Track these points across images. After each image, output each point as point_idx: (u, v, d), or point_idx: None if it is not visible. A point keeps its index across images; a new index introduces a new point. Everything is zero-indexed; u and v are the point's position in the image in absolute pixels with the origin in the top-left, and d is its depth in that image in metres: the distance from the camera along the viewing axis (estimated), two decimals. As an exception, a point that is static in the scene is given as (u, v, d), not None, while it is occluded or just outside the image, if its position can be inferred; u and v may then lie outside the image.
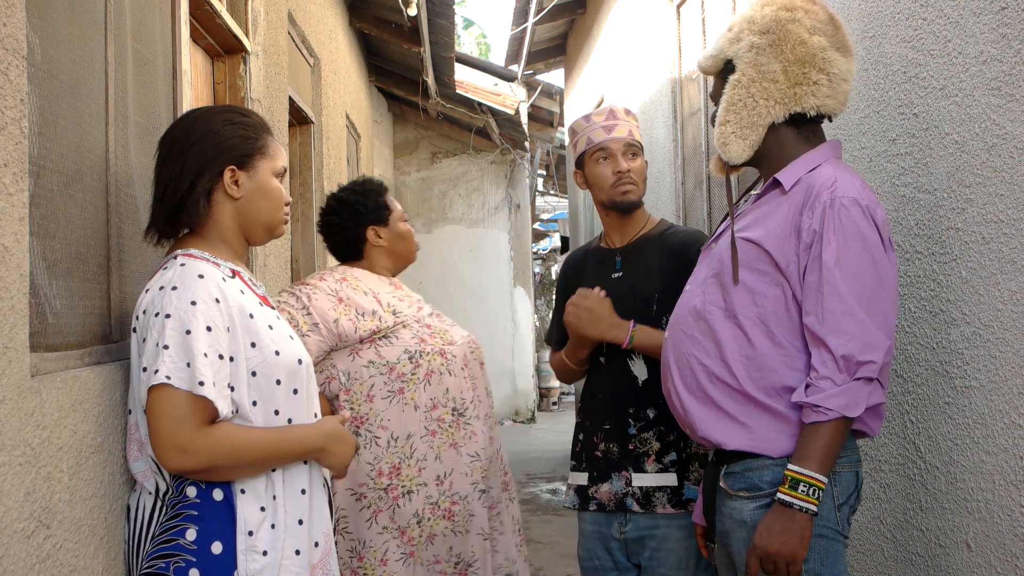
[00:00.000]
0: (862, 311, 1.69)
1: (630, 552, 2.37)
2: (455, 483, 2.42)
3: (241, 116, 1.78)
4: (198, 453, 1.54)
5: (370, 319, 2.43)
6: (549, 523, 5.93)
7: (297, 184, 4.55)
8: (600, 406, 2.43)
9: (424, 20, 6.06)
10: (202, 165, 1.71)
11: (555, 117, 9.86)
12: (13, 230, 1.35)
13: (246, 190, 1.75)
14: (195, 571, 1.58)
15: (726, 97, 1.89)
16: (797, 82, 1.84)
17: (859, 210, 1.72)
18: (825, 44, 1.84)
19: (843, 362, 1.67)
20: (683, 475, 2.31)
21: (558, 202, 15.46)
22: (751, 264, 1.82)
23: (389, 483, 2.38)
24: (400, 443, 2.40)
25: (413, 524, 2.38)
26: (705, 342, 1.86)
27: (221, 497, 1.62)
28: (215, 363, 1.58)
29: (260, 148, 1.76)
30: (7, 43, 1.34)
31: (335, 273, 2.53)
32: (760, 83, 1.85)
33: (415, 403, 2.42)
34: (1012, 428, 1.71)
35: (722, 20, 3.71)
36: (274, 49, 3.47)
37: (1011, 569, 1.70)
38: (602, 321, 2.33)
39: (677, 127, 4.47)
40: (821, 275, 1.71)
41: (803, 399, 1.70)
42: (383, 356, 2.42)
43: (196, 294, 1.60)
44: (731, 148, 1.90)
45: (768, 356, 1.78)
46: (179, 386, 1.53)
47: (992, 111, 1.75)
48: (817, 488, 1.67)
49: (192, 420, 1.54)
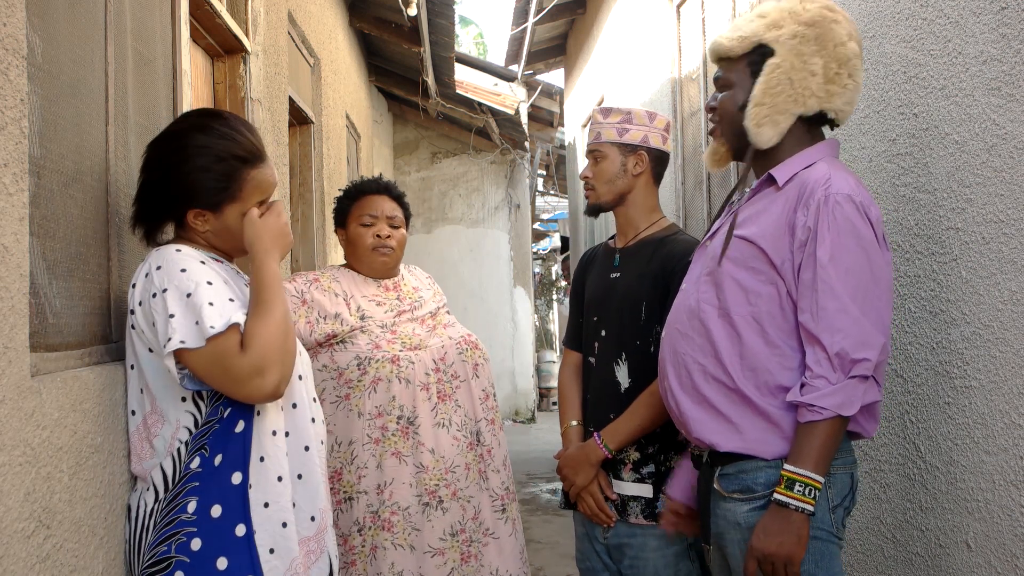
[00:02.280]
0: (856, 308, 1.68)
1: (614, 557, 2.38)
2: (395, 493, 2.36)
3: (217, 162, 1.71)
4: (259, 365, 1.60)
5: (330, 322, 2.43)
6: (549, 523, 5.93)
7: (297, 184, 4.55)
8: (588, 407, 2.46)
9: (424, 20, 6.06)
10: (168, 203, 1.73)
11: (555, 117, 9.85)
12: (13, 230, 1.35)
13: (212, 226, 1.76)
14: (197, 540, 1.60)
15: (764, 79, 1.83)
16: (831, 80, 1.82)
17: (853, 207, 1.71)
18: (858, 51, 1.84)
19: (837, 360, 1.67)
20: (659, 488, 2.30)
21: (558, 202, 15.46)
22: (745, 262, 1.81)
23: (331, 487, 2.35)
24: (342, 448, 2.38)
25: (354, 532, 2.35)
26: (700, 340, 1.85)
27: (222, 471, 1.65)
28: (225, 304, 1.63)
29: (231, 196, 1.73)
30: (7, 43, 1.34)
31: (312, 273, 2.56)
32: (800, 72, 1.81)
33: (359, 410, 2.38)
34: (1012, 428, 1.71)
35: (722, 20, 3.71)
36: (274, 49, 3.47)
37: (1011, 569, 1.70)
38: (580, 466, 2.36)
39: (677, 127, 4.47)
40: (816, 272, 1.71)
41: (798, 398, 1.70)
42: (335, 361, 2.42)
43: (182, 262, 1.65)
44: (764, 131, 1.84)
45: (761, 355, 1.77)
46: (196, 345, 1.58)
47: (992, 111, 1.75)
48: (813, 488, 1.66)
49: (234, 353, 1.60)
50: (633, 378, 2.33)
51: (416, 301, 2.61)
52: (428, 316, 2.60)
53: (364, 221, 2.58)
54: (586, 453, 2.35)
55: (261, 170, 1.76)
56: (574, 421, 2.47)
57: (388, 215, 2.60)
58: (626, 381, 2.35)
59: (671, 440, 2.33)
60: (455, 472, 2.43)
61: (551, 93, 9.48)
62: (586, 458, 2.34)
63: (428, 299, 2.65)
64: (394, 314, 2.53)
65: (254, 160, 1.75)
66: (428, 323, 2.58)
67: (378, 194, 2.63)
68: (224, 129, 1.73)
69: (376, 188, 2.64)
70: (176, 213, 1.75)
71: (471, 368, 2.54)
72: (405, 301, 2.59)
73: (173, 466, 1.64)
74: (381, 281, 2.61)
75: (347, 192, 2.66)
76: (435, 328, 2.58)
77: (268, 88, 3.33)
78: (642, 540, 2.30)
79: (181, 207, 1.73)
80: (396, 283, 2.63)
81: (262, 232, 1.74)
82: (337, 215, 2.65)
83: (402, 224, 2.63)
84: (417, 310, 2.58)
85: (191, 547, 1.60)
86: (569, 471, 2.37)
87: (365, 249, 2.57)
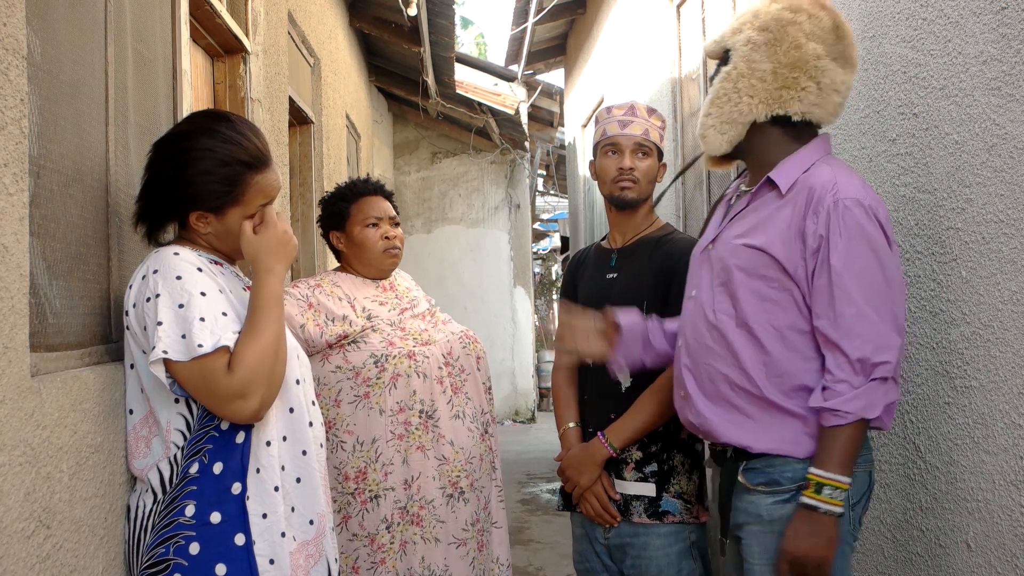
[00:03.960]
0: (873, 312, 1.69)
1: (614, 558, 2.37)
2: (423, 487, 2.39)
3: (221, 167, 1.70)
4: (242, 389, 1.58)
5: (339, 324, 2.43)
6: (549, 523, 5.92)
7: (297, 184, 4.55)
8: (587, 408, 2.45)
9: (424, 20, 6.06)
10: (170, 206, 1.73)
11: (555, 117, 9.85)
12: (13, 230, 1.35)
13: (214, 229, 1.75)
14: (195, 545, 1.60)
15: (713, 89, 1.89)
16: (784, 85, 1.82)
17: (862, 211, 1.72)
18: (821, 52, 1.82)
19: (859, 365, 1.68)
20: (663, 487, 2.31)
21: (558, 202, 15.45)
22: (757, 271, 1.81)
23: (356, 487, 2.37)
24: (365, 447, 2.39)
25: (382, 530, 2.36)
26: (721, 351, 1.86)
27: (222, 477, 1.65)
28: (218, 319, 1.61)
29: (233, 200, 1.72)
30: (7, 43, 1.34)
31: (313, 279, 2.55)
32: (748, 79, 1.84)
33: (380, 407, 2.39)
34: (1012, 428, 1.71)
35: (722, 20, 3.71)
36: (274, 49, 3.47)
37: (1011, 569, 1.70)
38: (584, 466, 2.35)
39: (677, 127, 4.47)
40: (831, 279, 1.72)
41: (821, 403, 1.71)
42: (350, 361, 2.42)
43: (178, 269, 1.63)
44: (709, 141, 1.90)
45: (784, 360, 1.78)
46: (180, 359, 1.56)
47: (992, 111, 1.75)
48: (841, 490, 1.68)
49: (219, 374, 1.58)
50: (634, 377, 2.33)
51: (413, 300, 2.63)
52: (426, 313, 2.62)
53: (369, 222, 2.57)
54: (590, 453, 2.34)
55: (265, 175, 1.75)
56: (572, 423, 2.46)
57: (389, 215, 2.62)
58: (627, 381, 2.34)
59: (673, 438, 2.33)
60: (472, 463, 2.47)
61: (551, 93, 9.47)
62: (591, 458, 2.34)
63: (421, 298, 2.68)
64: (397, 312, 2.55)
65: (258, 165, 1.74)
66: (429, 319, 2.60)
67: (375, 195, 2.63)
68: (229, 133, 1.72)
69: (374, 189, 2.65)
70: (178, 214, 1.74)
71: (474, 361, 2.57)
72: (404, 300, 2.61)
73: (170, 469, 1.64)
74: (379, 282, 2.62)
75: (341, 195, 2.64)
76: (436, 325, 2.60)
77: (268, 88, 3.33)
78: (645, 539, 2.30)
79: (184, 209, 1.72)
80: (392, 283, 2.64)
81: (259, 250, 1.72)
82: (333, 218, 2.63)
83: (399, 223, 2.66)
84: (415, 308, 2.60)
85: (189, 551, 1.60)
86: (573, 472, 2.37)
87: (374, 251, 2.57)
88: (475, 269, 10.77)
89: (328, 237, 2.66)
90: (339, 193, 2.66)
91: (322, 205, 2.67)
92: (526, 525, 5.89)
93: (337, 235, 2.63)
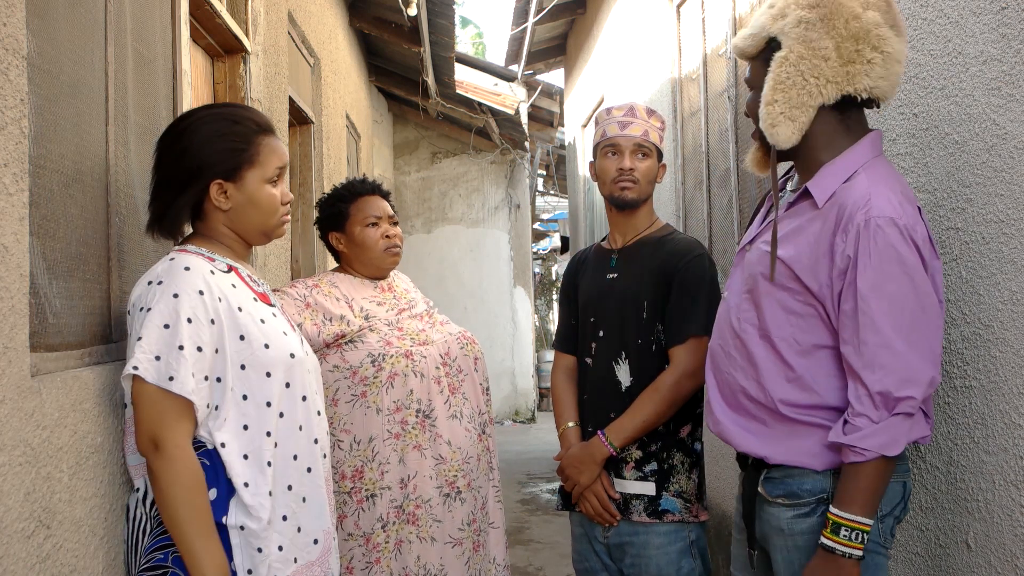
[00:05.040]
0: (901, 341, 1.59)
1: (614, 557, 2.38)
2: (419, 486, 2.39)
3: (231, 125, 1.73)
4: (166, 452, 1.55)
5: (336, 324, 2.43)
6: (549, 523, 5.92)
7: (297, 184, 4.56)
8: (586, 407, 2.45)
9: (424, 20, 6.06)
10: (187, 179, 1.71)
11: (555, 117, 9.85)
12: (13, 230, 1.35)
13: (235, 201, 1.74)
14: None
15: (772, 75, 1.72)
16: (850, 60, 1.68)
17: (896, 231, 1.60)
18: (879, 20, 1.69)
19: (879, 398, 1.59)
20: (662, 485, 2.31)
21: (558, 202, 15.45)
22: (782, 283, 1.74)
23: (352, 486, 2.37)
24: (362, 446, 2.39)
25: (378, 529, 2.36)
26: (742, 362, 1.81)
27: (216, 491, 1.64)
28: (192, 355, 1.59)
29: (249, 159, 1.73)
30: (7, 43, 1.34)
31: (311, 280, 2.55)
32: (810, 60, 1.69)
33: (377, 406, 2.39)
34: (1012, 428, 1.71)
35: (722, 20, 3.71)
36: (274, 49, 3.47)
37: (1011, 569, 1.70)
38: (584, 464, 2.35)
39: (677, 127, 4.47)
40: (856, 304, 1.61)
41: (840, 439, 1.63)
42: (347, 360, 2.42)
43: (179, 287, 1.62)
44: (780, 130, 1.73)
45: (805, 376, 1.72)
46: (148, 379, 1.55)
47: (992, 111, 1.75)
48: (862, 532, 1.59)
49: (169, 415, 1.56)
50: (635, 377, 2.33)
51: (410, 301, 2.63)
52: (424, 314, 2.62)
53: (370, 222, 2.57)
54: (590, 452, 2.34)
55: (274, 139, 1.78)
56: (571, 422, 2.46)
57: (388, 214, 2.62)
58: (627, 380, 2.35)
59: (673, 438, 2.33)
60: (469, 463, 2.47)
61: (551, 93, 9.47)
62: (591, 457, 2.34)
63: (419, 299, 2.68)
64: (395, 312, 2.54)
65: (267, 128, 1.77)
66: (427, 320, 2.60)
67: (373, 194, 2.63)
68: (231, 107, 1.77)
69: (371, 189, 2.65)
70: (196, 190, 1.72)
71: (472, 362, 2.57)
72: (402, 300, 2.61)
73: None
74: (377, 283, 2.62)
75: (339, 195, 2.64)
76: (434, 325, 2.60)
77: (268, 88, 3.33)
78: (644, 538, 2.30)
79: (201, 182, 1.71)
80: (389, 284, 2.65)
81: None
82: (332, 219, 2.63)
83: (398, 222, 2.66)
84: (413, 309, 2.60)
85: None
86: (573, 471, 2.37)
87: (376, 250, 2.57)
88: (475, 269, 10.77)
89: (327, 238, 2.66)
90: (337, 194, 2.65)
91: (319, 207, 2.67)
92: (526, 525, 5.89)
93: (336, 236, 2.62)
